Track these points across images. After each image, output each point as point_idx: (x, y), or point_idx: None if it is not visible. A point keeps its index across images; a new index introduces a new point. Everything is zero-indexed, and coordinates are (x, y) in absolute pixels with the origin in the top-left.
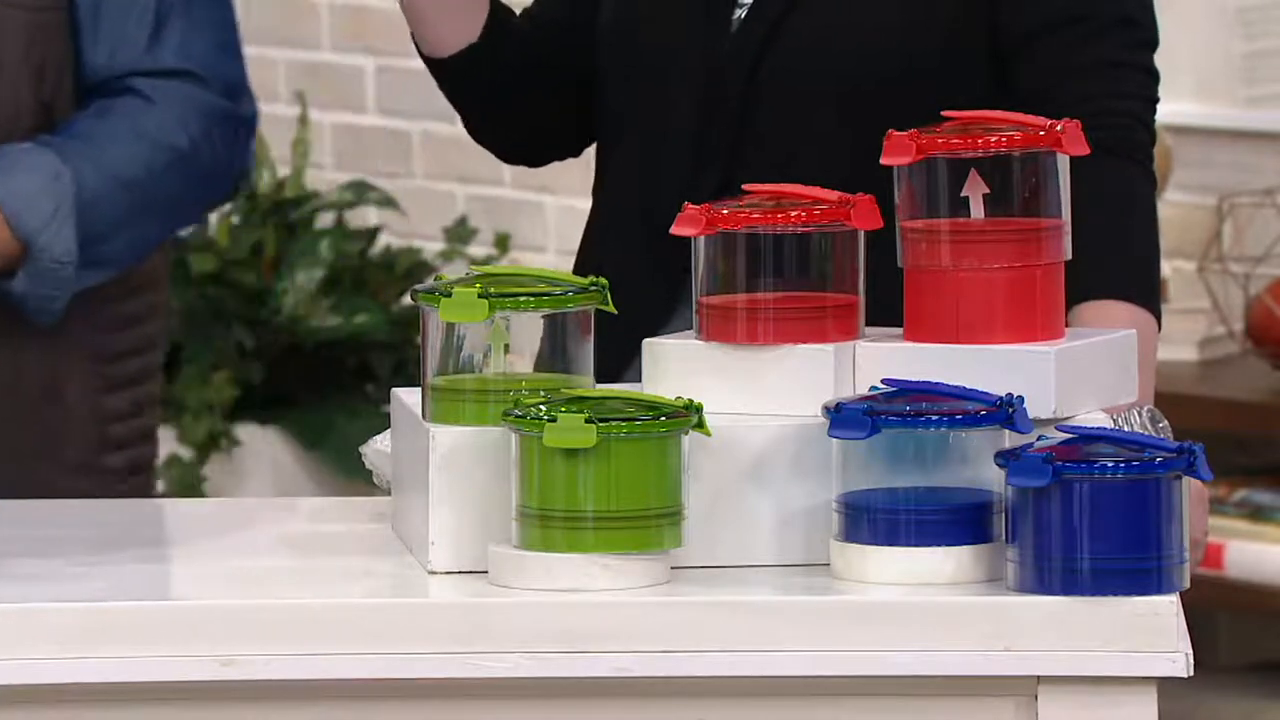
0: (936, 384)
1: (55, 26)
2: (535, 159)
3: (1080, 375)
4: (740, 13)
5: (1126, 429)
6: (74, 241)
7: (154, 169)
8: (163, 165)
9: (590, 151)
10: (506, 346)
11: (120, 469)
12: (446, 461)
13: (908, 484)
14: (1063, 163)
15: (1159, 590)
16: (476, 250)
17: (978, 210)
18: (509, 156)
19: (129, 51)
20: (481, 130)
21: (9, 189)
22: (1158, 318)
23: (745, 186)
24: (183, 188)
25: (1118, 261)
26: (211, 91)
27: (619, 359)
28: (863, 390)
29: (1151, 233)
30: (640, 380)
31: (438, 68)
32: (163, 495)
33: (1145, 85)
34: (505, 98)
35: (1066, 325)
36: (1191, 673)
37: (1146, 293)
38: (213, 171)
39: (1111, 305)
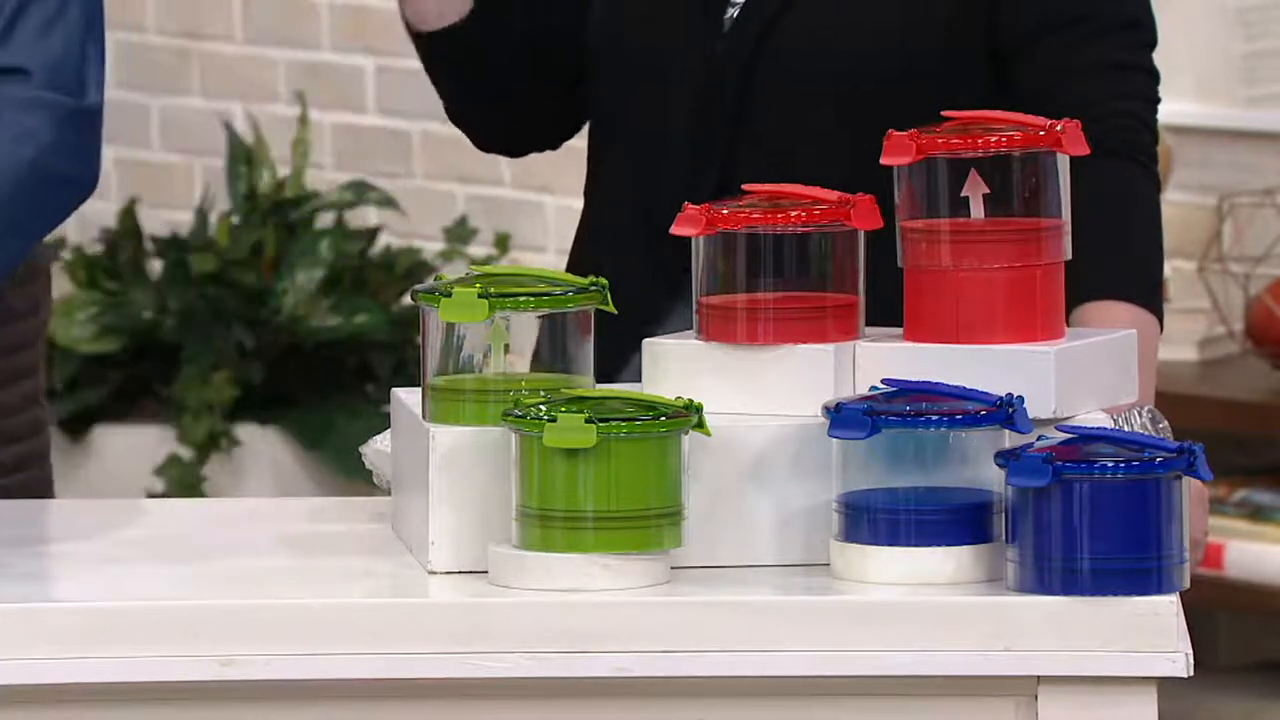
0: (936, 384)
1: None
2: (513, 149)
3: (1080, 375)
4: (733, 11)
5: (1127, 429)
6: None
7: (5, 192)
8: (14, 183)
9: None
10: (506, 346)
11: (10, 462)
12: (446, 461)
13: (908, 484)
14: (1063, 163)
15: (1159, 590)
16: (476, 250)
17: (978, 210)
18: (485, 143)
19: None
20: (460, 114)
21: None
22: (1159, 318)
23: (745, 186)
24: (41, 199)
25: (1119, 262)
26: (58, 91)
27: (617, 360)
28: (863, 390)
29: (1154, 233)
30: (638, 380)
31: (421, 42)
32: (163, 495)
33: (1147, 86)
34: (487, 82)
35: (1067, 325)
36: (1191, 673)
37: (1148, 293)
38: (65, 177)
39: (1113, 306)
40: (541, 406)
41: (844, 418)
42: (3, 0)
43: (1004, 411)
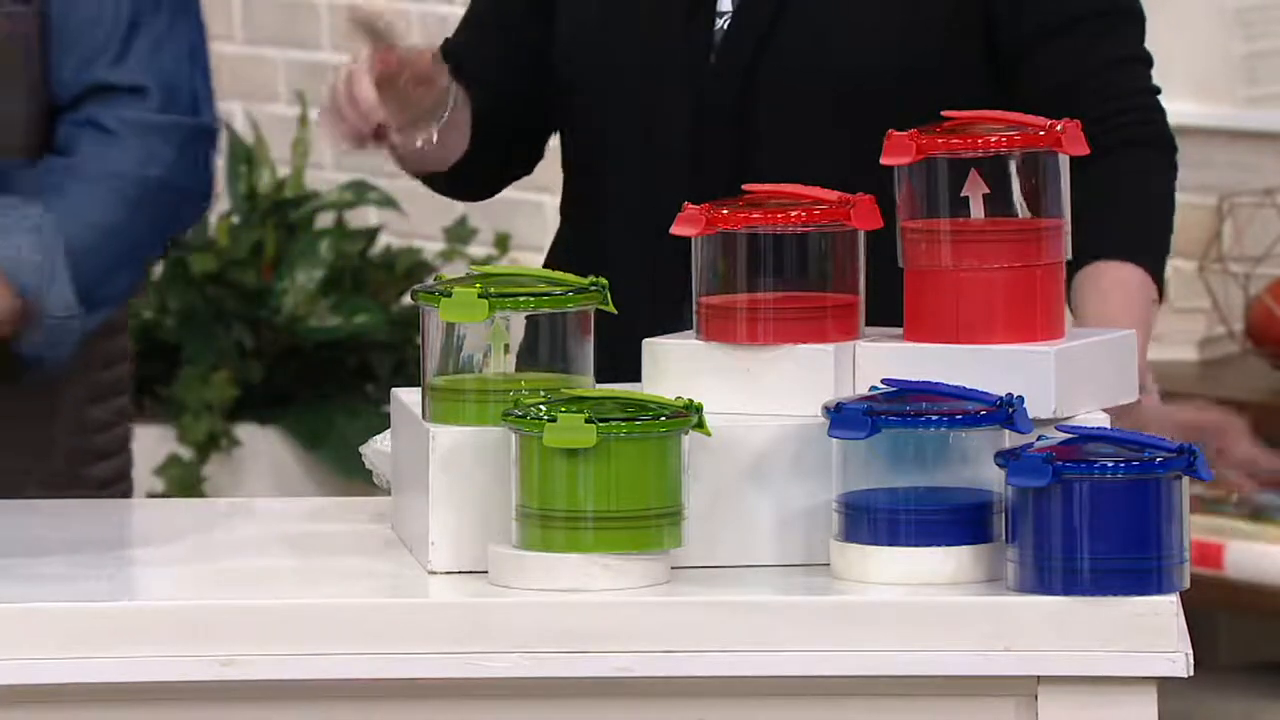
0: (936, 384)
1: (30, 44)
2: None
3: (1080, 375)
4: (723, 21)
5: None
6: (72, 295)
7: (131, 208)
8: (136, 201)
9: None
10: (506, 346)
11: (101, 477)
12: (446, 461)
13: (908, 484)
14: (1063, 163)
15: (1159, 590)
16: (476, 250)
17: (978, 210)
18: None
19: (95, 66)
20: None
21: (4, 255)
22: (1161, 291)
23: (745, 186)
24: (160, 217)
25: (1136, 229)
26: (175, 110)
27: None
28: (863, 390)
29: (1169, 213)
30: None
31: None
32: (163, 495)
33: (1149, 76)
34: (475, 175)
35: (1070, 288)
36: (1191, 673)
37: (1157, 263)
38: (186, 193)
39: (1124, 265)
40: (541, 406)
41: (844, 418)
42: (113, 20)
43: (1004, 411)
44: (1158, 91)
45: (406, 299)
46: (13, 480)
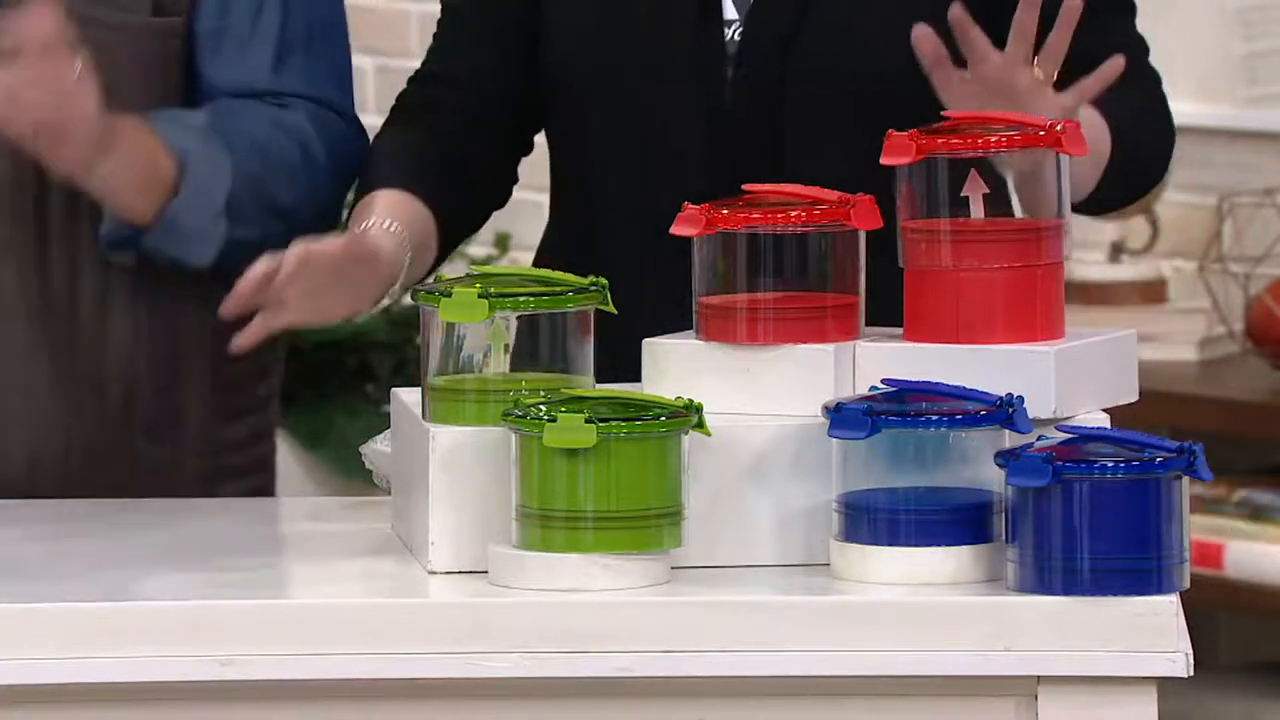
0: (936, 384)
1: (173, 55)
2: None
3: (1080, 375)
4: (734, 30)
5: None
6: (229, 172)
7: (286, 153)
8: (298, 156)
9: None
10: (507, 346)
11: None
12: (446, 461)
13: (908, 484)
14: (1063, 163)
15: (1159, 590)
16: (476, 250)
17: (978, 210)
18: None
19: (252, 74)
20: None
21: (167, 132)
22: (1120, 152)
23: (745, 186)
24: (306, 182)
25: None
26: (335, 112)
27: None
28: (863, 390)
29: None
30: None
31: None
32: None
33: (1150, 64)
34: (468, 219)
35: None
36: (1191, 673)
37: (1120, 127)
38: (335, 178)
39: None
40: (541, 406)
41: (844, 418)
42: (269, 24)
43: (1004, 411)
44: (1159, 79)
45: (406, 299)
46: (141, 492)
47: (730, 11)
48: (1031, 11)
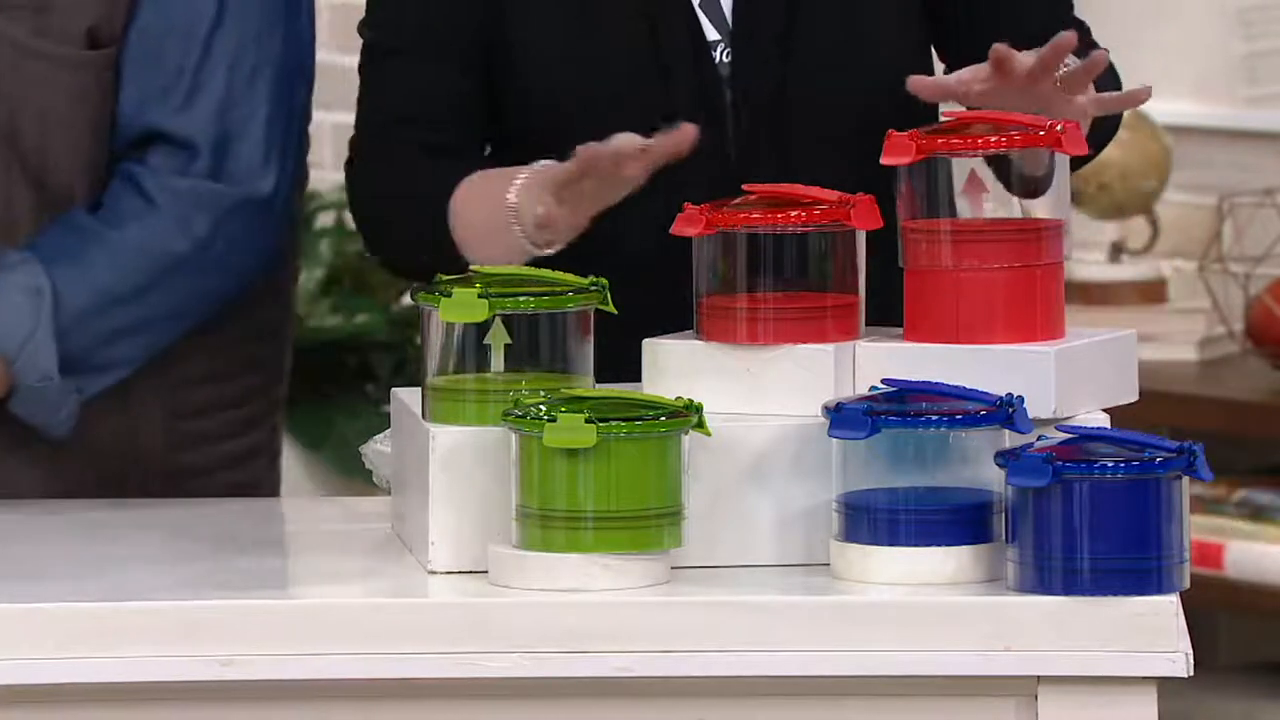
0: (936, 384)
1: (106, 87)
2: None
3: (1080, 375)
4: (720, 51)
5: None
6: (54, 361)
7: (152, 280)
8: (160, 273)
9: None
10: (507, 346)
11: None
12: (446, 461)
13: (908, 484)
14: (1063, 163)
15: (1159, 590)
16: None
17: (978, 210)
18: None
19: (158, 106)
20: (408, 270)
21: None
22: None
23: (745, 186)
24: (189, 289)
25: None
26: (224, 176)
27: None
28: (863, 390)
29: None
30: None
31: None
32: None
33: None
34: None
35: None
36: (1191, 673)
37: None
38: (226, 265)
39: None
40: (541, 406)
41: (844, 418)
42: (188, 60)
43: (1004, 411)
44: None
45: (406, 299)
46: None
47: (712, 32)
48: (1059, 55)
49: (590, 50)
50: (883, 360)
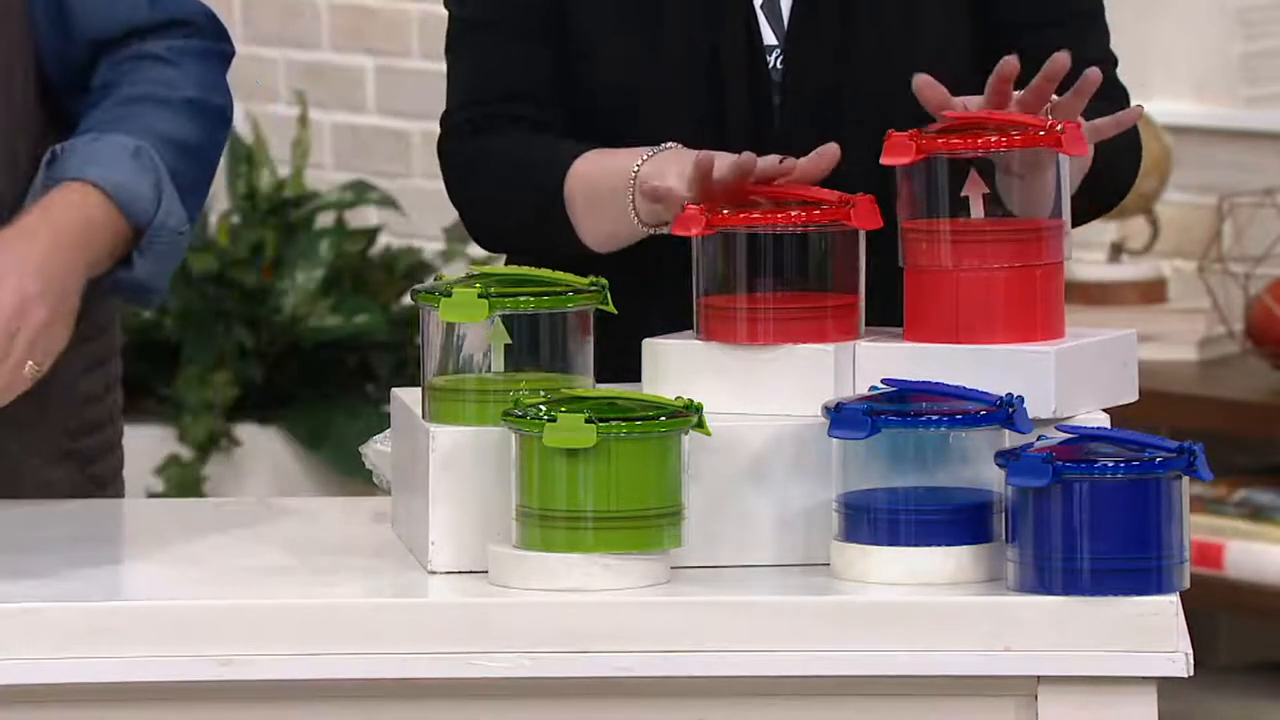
0: (936, 384)
1: (9, 8)
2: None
3: (1080, 375)
4: (774, 56)
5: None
6: (183, 211)
7: (203, 129)
8: (207, 123)
9: None
10: (507, 346)
11: (89, 452)
12: (446, 461)
13: (908, 484)
14: (1063, 163)
15: (1159, 590)
16: (476, 250)
17: (978, 210)
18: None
19: (130, 10)
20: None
21: (107, 178)
22: (1093, 160)
23: (745, 187)
24: (220, 142)
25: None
26: (209, 37)
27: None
28: (863, 390)
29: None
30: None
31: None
32: (163, 495)
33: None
34: None
35: None
36: (1191, 673)
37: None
38: (228, 120)
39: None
40: (541, 406)
41: (844, 418)
42: None
43: (1004, 411)
44: (1128, 93)
45: (406, 299)
46: (4, 451)
47: (770, 36)
48: (1052, 80)
49: (647, 45)
50: (883, 360)
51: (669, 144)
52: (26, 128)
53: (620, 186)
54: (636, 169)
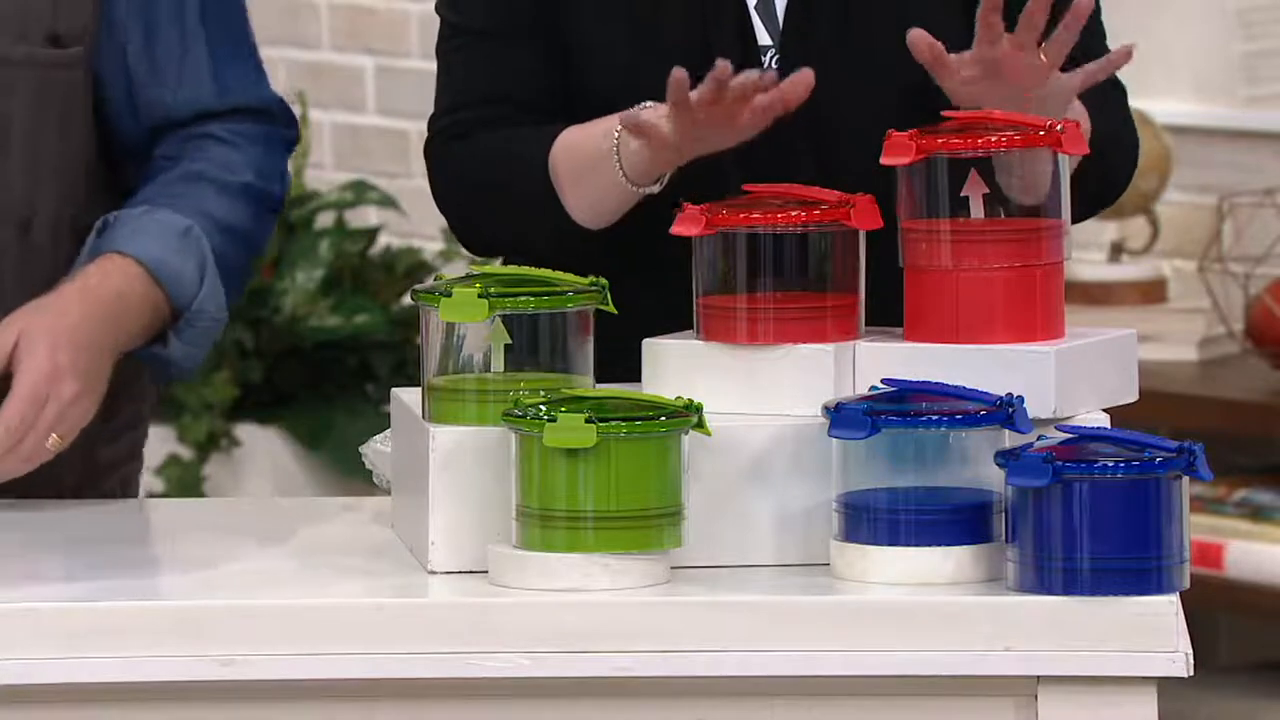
0: (936, 384)
1: (76, 86)
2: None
3: (1080, 375)
4: (769, 57)
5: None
6: (224, 296)
7: (254, 214)
8: (260, 211)
9: None
10: (507, 346)
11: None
12: (446, 461)
13: (908, 484)
14: (1063, 163)
15: (1159, 590)
16: None
17: (978, 210)
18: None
19: (197, 93)
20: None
21: (151, 255)
22: (1089, 157)
23: (745, 186)
24: (269, 228)
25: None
26: (278, 124)
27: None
28: (863, 390)
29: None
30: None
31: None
32: (163, 495)
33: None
34: None
35: None
36: (1191, 673)
37: (1095, 137)
38: (281, 205)
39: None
40: (541, 406)
41: (844, 418)
42: (220, 40)
43: (1004, 411)
44: (1126, 93)
45: (406, 299)
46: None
47: (765, 37)
48: (1042, 5)
49: (642, 46)
50: (883, 360)
51: (647, 103)
52: (81, 201)
53: (605, 148)
54: (619, 130)
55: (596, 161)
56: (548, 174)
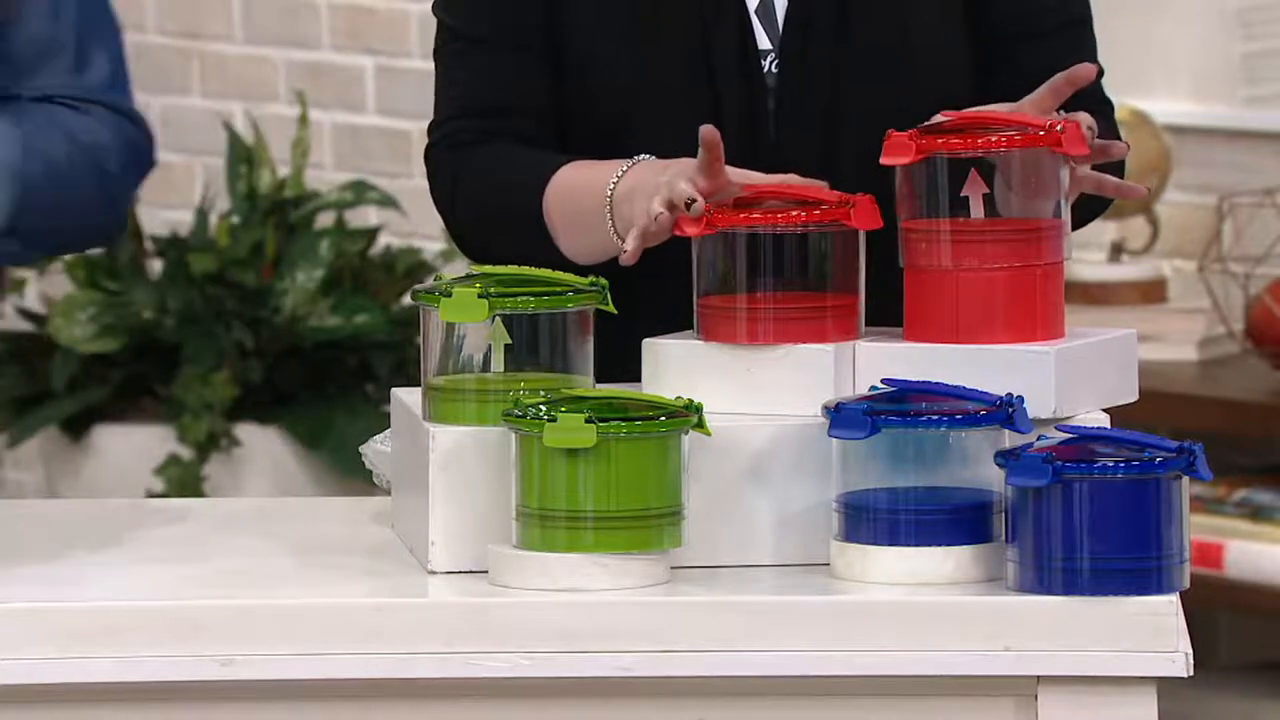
0: (936, 384)
1: None
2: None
3: (1080, 375)
4: (769, 61)
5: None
6: (8, 204)
7: (75, 164)
8: (84, 164)
9: None
10: (507, 346)
11: None
12: (446, 461)
13: (908, 484)
14: (1063, 162)
15: (1159, 590)
16: None
17: (977, 210)
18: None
19: (53, 73)
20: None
21: None
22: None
23: (745, 186)
24: (94, 196)
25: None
26: (140, 128)
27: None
28: (863, 390)
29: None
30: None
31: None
32: (163, 495)
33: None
34: None
35: None
36: (1191, 673)
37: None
38: (117, 196)
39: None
40: (541, 406)
41: (844, 418)
42: (88, 38)
43: (1004, 411)
44: (1112, 104)
45: (406, 299)
46: None
47: (764, 41)
48: (1071, 86)
49: (642, 50)
50: (883, 360)
51: (642, 155)
52: None
53: (596, 206)
54: (612, 186)
55: (589, 216)
56: (542, 214)
